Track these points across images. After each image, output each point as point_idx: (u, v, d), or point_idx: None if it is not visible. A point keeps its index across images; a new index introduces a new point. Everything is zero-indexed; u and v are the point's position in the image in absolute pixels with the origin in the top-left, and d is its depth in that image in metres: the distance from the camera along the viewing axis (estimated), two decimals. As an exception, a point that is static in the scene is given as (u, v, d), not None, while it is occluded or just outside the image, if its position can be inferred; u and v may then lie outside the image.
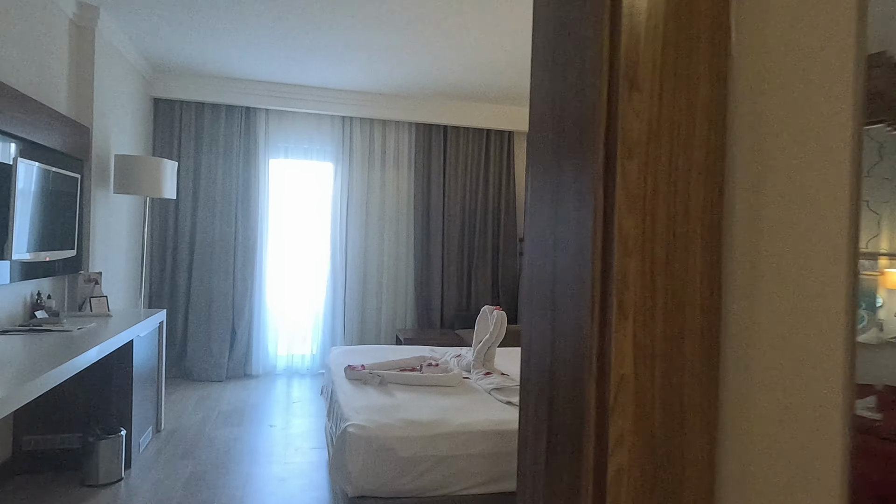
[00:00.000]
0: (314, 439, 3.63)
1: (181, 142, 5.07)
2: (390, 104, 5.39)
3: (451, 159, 5.68)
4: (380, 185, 5.55)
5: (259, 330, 5.24)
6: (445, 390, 2.61)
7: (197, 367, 5.02)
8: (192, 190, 5.09)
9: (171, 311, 5.07)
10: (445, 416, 2.22)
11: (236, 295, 5.16)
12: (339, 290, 5.45)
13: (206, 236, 5.09)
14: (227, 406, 4.28)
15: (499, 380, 2.68)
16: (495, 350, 2.93)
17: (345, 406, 2.32)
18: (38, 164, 2.82)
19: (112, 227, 4.02)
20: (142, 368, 3.25)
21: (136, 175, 3.75)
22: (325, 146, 5.43)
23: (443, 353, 3.35)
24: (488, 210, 5.77)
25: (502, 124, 5.67)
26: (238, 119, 5.18)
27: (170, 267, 5.07)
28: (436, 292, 5.63)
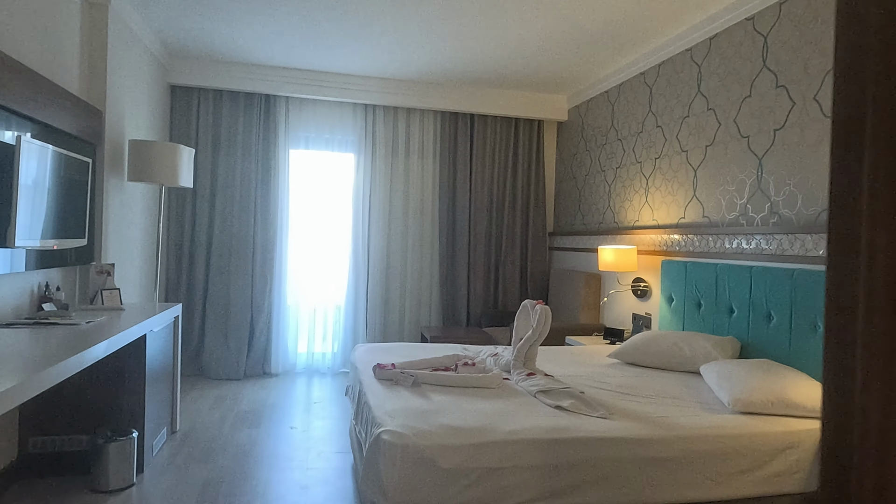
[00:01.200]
0: (338, 442, 3.40)
1: (199, 131, 4.88)
2: (415, 91, 5.15)
3: (478, 149, 5.43)
4: (403, 177, 5.32)
5: (278, 327, 5.04)
6: (485, 392, 2.36)
7: (214, 365, 4.82)
8: (209, 182, 4.90)
9: (187, 306, 4.88)
10: (491, 422, 1.96)
11: (255, 290, 4.96)
12: (362, 286, 5.22)
13: (224, 230, 4.90)
14: (246, 406, 4.07)
15: (544, 381, 2.42)
16: (537, 349, 2.67)
17: (376, 409, 2.08)
18: (46, 145, 2.62)
19: (126, 217, 3.83)
20: (155, 366, 3.05)
21: (151, 162, 3.55)
22: (346, 136, 5.21)
23: (477, 352, 3.10)
24: (517, 202, 5.50)
25: (532, 112, 5.40)
26: (257, 107, 4.97)
27: (186, 261, 4.88)
28: (462, 288, 5.38)
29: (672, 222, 3.84)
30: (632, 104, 4.39)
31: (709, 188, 3.50)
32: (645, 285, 4.06)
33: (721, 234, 3.33)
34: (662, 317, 3.74)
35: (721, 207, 3.39)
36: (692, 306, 3.47)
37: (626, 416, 2.16)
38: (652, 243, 4.01)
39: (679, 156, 3.79)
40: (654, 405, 2.34)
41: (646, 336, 3.18)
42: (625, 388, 2.62)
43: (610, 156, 4.68)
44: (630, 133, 4.39)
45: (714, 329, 3.27)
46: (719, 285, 3.25)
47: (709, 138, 3.51)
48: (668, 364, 3.02)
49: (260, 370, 4.97)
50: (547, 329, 2.58)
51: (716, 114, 3.45)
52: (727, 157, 3.35)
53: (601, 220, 4.79)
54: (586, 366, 3.11)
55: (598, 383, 2.69)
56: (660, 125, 4.02)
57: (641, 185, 4.22)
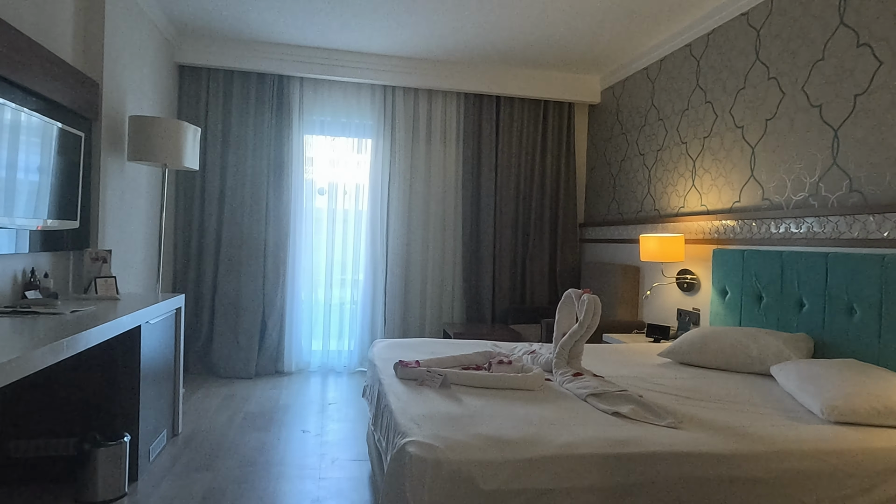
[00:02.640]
0: (354, 449, 3.07)
1: (208, 114, 4.60)
2: (436, 71, 4.82)
3: (504, 134, 5.07)
4: (424, 163, 4.98)
5: (291, 323, 4.73)
6: (525, 395, 2.01)
7: (223, 362, 4.53)
8: (219, 169, 4.61)
9: (195, 300, 4.60)
10: (539, 431, 1.61)
11: (267, 284, 4.66)
12: (380, 280, 4.90)
13: (235, 220, 4.60)
14: (255, 407, 3.76)
15: (595, 382, 2.06)
16: (583, 346, 2.32)
17: (399, 414, 1.74)
18: (30, 112, 2.33)
19: (128, 202, 3.55)
20: (153, 362, 2.74)
21: (153, 139, 3.26)
22: (364, 120, 4.89)
23: (511, 349, 2.75)
24: (545, 191, 5.14)
25: (562, 94, 5.03)
26: (270, 89, 4.67)
27: (195, 252, 4.60)
28: (486, 283, 5.03)
29: (725, 207, 3.46)
30: (675, 80, 4.00)
31: (770, 167, 3.11)
32: (692, 277, 3.67)
33: (786, 217, 2.94)
34: (714, 312, 3.36)
35: (785, 188, 3.00)
36: (751, 300, 3.08)
37: (698, 425, 1.79)
38: (700, 231, 3.63)
39: (733, 133, 3.41)
40: (727, 412, 1.97)
41: (703, 333, 2.80)
42: (685, 391, 2.26)
43: (650, 138, 4.30)
44: (673, 112, 4.01)
45: (780, 325, 2.89)
46: (785, 275, 2.86)
47: (770, 111, 3.12)
48: (731, 364, 2.64)
49: (272, 368, 4.67)
50: (596, 322, 2.23)
51: (778, 83, 3.06)
52: (793, 130, 2.96)
53: (639, 208, 4.41)
54: (634, 365, 2.74)
55: (652, 385, 2.33)
56: (709, 101, 3.63)
57: (687, 168, 3.84)
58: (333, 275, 4.88)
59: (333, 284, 4.88)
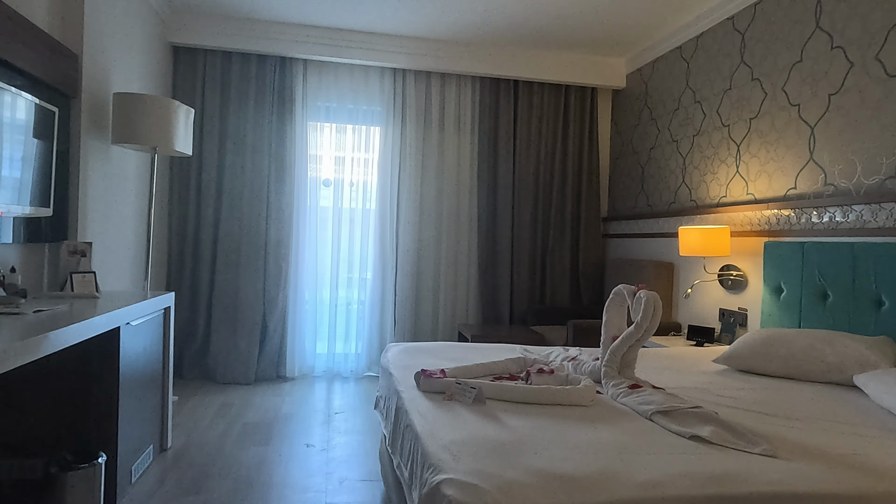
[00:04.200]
0: (365, 467, 2.73)
1: (205, 99, 4.26)
2: (450, 53, 4.47)
3: (523, 121, 4.72)
4: (437, 153, 4.63)
5: (294, 324, 4.39)
6: (576, 413, 1.66)
7: (221, 367, 4.19)
8: (216, 157, 4.27)
9: (191, 300, 4.26)
10: (609, 465, 1.26)
11: (268, 282, 4.32)
12: (389, 278, 4.55)
13: (234, 213, 4.26)
14: (255, 416, 3.42)
15: (658, 397, 1.71)
16: (638, 352, 1.96)
17: (427, 439, 1.39)
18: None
19: (115, 191, 3.21)
20: (136, 368, 2.40)
21: (140, 120, 2.92)
22: (372, 106, 4.55)
23: (546, 355, 2.40)
24: (567, 183, 4.78)
25: (584, 78, 4.68)
26: (271, 72, 4.34)
27: (191, 247, 4.26)
28: (504, 281, 4.67)
29: (777, 195, 3.10)
30: (715, 57, 3.64)
31: (834, 148, 2.75)
32: (738, 274, 3.31)
33: (856, 204, 2.58)
34: (766, 313, 3.00)
35: (855, 171, 2.64)
36: (814, 298, 2.72)
37: (797, 452, 1.44)
38: (746, 222, 3.27)
39: (786, 112, 3.05)
40: (822, 434, 1.62)
41: (766, 336, 2.44)
42: (757, 404, 1.90)
43: (684, 122, 3.94)
44: (713, 92, 3.65)
45: (852, 327, 2.53)
46: (858, 270, 2.50)
47: (834, 85, 2.76)
48: (802, 372, 2.28)
49: (273, 373, 4.33)
50: (656, 324, 1.88)
51: (845, 52, 2.71)
52: (864, 105, 2.60)
53: (673, 199, 4.05)
54: (686, 373, 2.39)
55: (715, 397, 1.97)
56: (756, 77, 3.27)
57: (730, 154, 3.48)
58: (339, 273, 4.54)
59: (339, 283, 4.54)
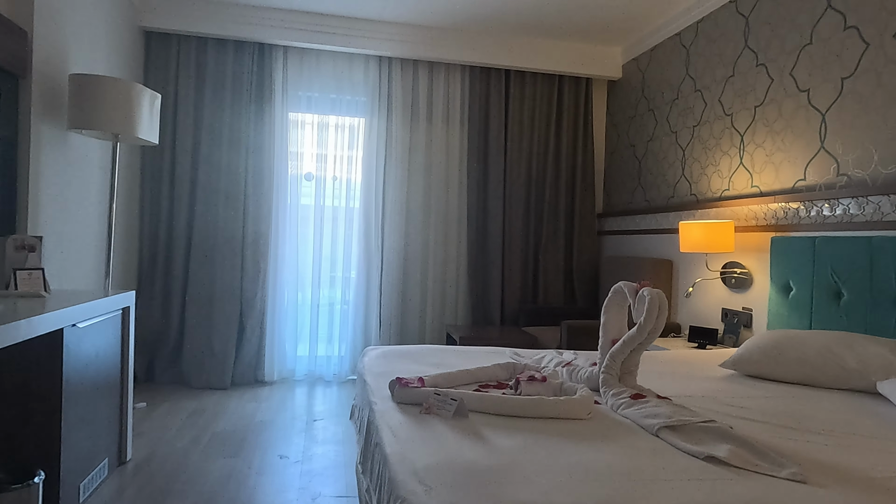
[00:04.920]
0: (343, 480, 2.51)
1: (178, 88, 4.02)
2: (438, 40, 4.25)
3: (515, 113, 4.51)
4: (424, 145, 4.42)
5: (274, 325, 4.16)
6: (573, 428, 1.45)
7: (195, 371, 3.96)
8: (190, 149, 4.04)
9: (164, 299, 4.02)
10: (615, 496, 1.05)
11: (245, 280, 4.08)
12: (374, 277, 4.33)
13: (209, 208, 4.03)
14: (227, 424, 3.19)
15: (665, 408, 1.50)
16: (640, 356, 1.75)
17: (397, 463, 1.18)
18: None
19: (74, 180, 2.97)
20: (85, 374, 2.17)
21: (99, 103, 2.68)
22: (356, 96, 4.33)
23: (538, 359, 2.18)
24: (560, 178, 4.58)
25: (579, 68, 4.48)
26: (249, 59, 4.11)
27: (164, 243, 4.02)
28: (494, 280, 4.47)
29: (785, 187, 2.91)
30: (717, 43, 3.45)
31: (848, 136, 2.56)
32: (742, 271, 3.12)
33: (872, 195, 2.39)
34: (773, 312, 2.80)
35: (871, 160, 2.45)
36: (826, 297, 2.53)
37: (830, 475, 1.24)
38: (751, 216, 3.08)
39: (794, 98, 2.86)
40: (850, 451, 1.42)
41: (776, 338, 2.25)
42: (773, 416, 1.70)
43: (684, 112, 3.75)
44: (714, 80, 3.46)
45: (869, 328, 2.33)
46: (876, 266, 2.30)
47: (847, 68, 2.57)
48: (818, 378, 2.08)
49: (251, 377, 4.10)
50: (661, 325, 1.67)
51: (859, 32, 2.51)
52: (881, 89, 2.41)
53: (672, 193, 3.85)
54: (690, 379, 2.18)
55: (725, 407, 1.77)
56: (762, 63, 3.08)
57: (733, 144, 3.28)
58: (322, 271, 4.31)
59: (322, 282, 4.31)
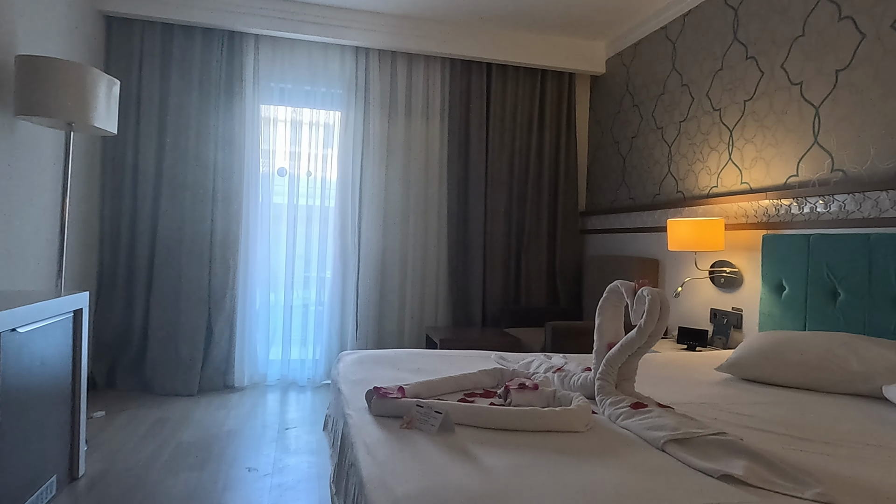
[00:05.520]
0: (314, 495, 2.33)
1: (142, 77, 3.79)
2: (418, 31, 4.10)
3: (496, 108, 4.38)
4: (403, 141, 4.26)
5: (244, 327, 3.96)
6: (570, 442, 1.31)
7: (160, 376, 3.73)
8: (155, 142, 3.82)
9: (126, 300, 3.79)
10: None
11: (214, 280, 3.87)
12: (351, 277, 4.15)
13: (175, 204, 3.81)
14: (192, 434, 2.99)
15: (669, 419, 1.37)
16: (638, 361, 1.62)
17: (374, 490, 1.02)
18: None
19: (21, 172, 2.74)
20: (27, 383, 1.97)
21: (50, 88, 2.47)
22: (332, 88, 4.15)
23: (525, 364, 2.04)
24: (543, 174, 4.46)
25: (562, 62, 4.37)
26: (218, 48, 3.90)
27: (126, 241, 3.79)
28: (475, 280, 4.32)
29: (776, 183, 2.82)
30: (705, 36, 3.36)
31: (843, 130, 2.48)
32: (732, 270, 3.02)
33: (870, 191, 2.31)
34: (765, 313, 2.71)
35: (868, 154, 2.36)
36: (821, 296, 2.44)
37: (856, 494, 1.12)
38: (741, 214, 2.98)
39: (786, 92, 2.77)
40: (871, 464, 1.30)
41: (775, 340, 2.14)
42: (780, 423, 1.58)
43: (670, 108, 3.65)
44: (702, 74, 3.37)
45: (868, 328, 2.24)
46: (875, 264, 2.22)
47: (842, 60, 2.49)
48: (820, 382, 1.98)
49: (220, 383, 3.89)
50: (662, 328, 1.54)
51: (854, 23, 2.43)
52: (878, 81, 2.33)
53: (657, 190, 3.76)
54: (685, 384, 2.07)
55: (730, 415, 1.65)
56: (752, 56, 2.99)
57: (722, 140, 3.19)
58: (295, 271, 4.12)
59: (295, 283, 4.12)
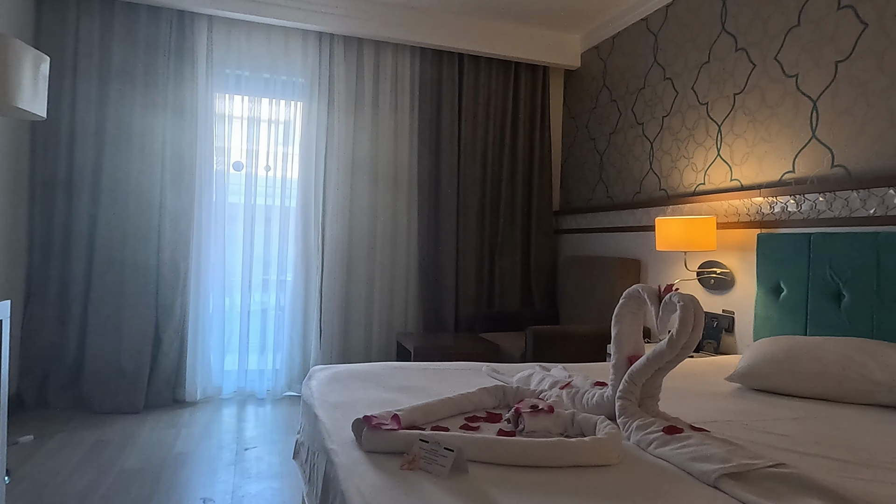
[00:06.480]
0: (280, 530, 2.06)
1: (78, 61, 3.40)
2: (387, 16, 3.84)
3: (469, 101, 4.16)
4: (370, 135, 3.99)
5: (196, 336, 3.61)
6: (603, 479, 1.09)
7: (99, 392, 3.35)
8: (93, 133, 3.43)
9: (60, 307, 3.39)
10: None
11: (162, 285, 3.51)
12: (314, 280, 3.86)
13: (117, 200, 3.43)
14: (137, 459, 2.65)
15: (716, 449, 1.17)
16: (664, 377, 1.42)
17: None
18: None
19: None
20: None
21: (-40, 63, 2.10)
22: (293, 76, 3.84)
23: (521, 377, 1.82)
24: (517, 172, 4.27)
25: (536, 54, 4.19)
26: (167, 30, 3.54)
27: (60, 244, 3.38)
28: (448, 283, 4.09)
29: (770, 180, 2.70)
30: (690, 28, 3.23)
31: (844, 123, 2.37)
32: (723, 271, 2.90)
33: (876, 187, 2.20)
34: (761, 316, 2.58)
35: (871, 150, 2.25)
36: (824, 298, 2.32)
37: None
38: (732, 212, 2.86)
39: (780, 84, 2.65)
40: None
41: (788, 348, 1.99)
42: (818, 444, 1.41)
43: (652, 102, 3.52)
44: (687, 67, 3.24)
45: (877, 332, 2.13)
46: (884, 265, 2.10)
47: (842, 51, 2.38)
48: (839, 392, 1.83)
49: (169, 397, 3.52)
50: (696, 339, 1.34)
51: (855, 12, 2.32)
52: (882, 71, 2.22)
53: (638, 188, 3.62)
54: (695, 396, 1.89)
55: (758, 434, 1.47)
56: (742, 47, 2.87)
57: (709, 135, 3.07)
58: (253, 274, 3.79)
59: (253, 286, 3.79)
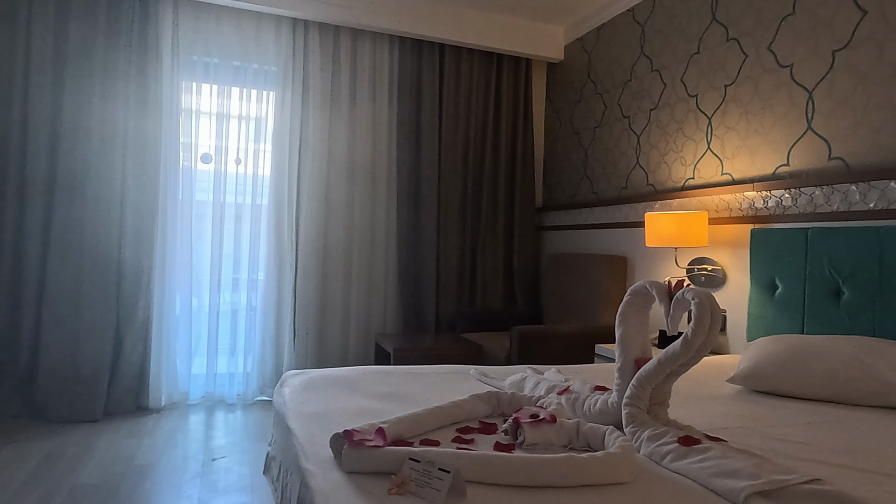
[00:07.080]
0: (250, 551, 1.89)
1: (31, 42, 3.16)
2: (365, 4, 3.67)
3: (450, 93, 4.02)
4: (347, 127, 3.82)
5: (161, 338, 3.39)
6: (617, 500, 0.96)
7: (54, 400, 3.11)
8: (49, 121, 3.19)
9: (11, 308, 3.14)
10: None
11: (123, 284, 3.29)
12: (287, 278, 3.67)
13: (75, 193, 3.20)
14: (94, 473, 2.44)
15: (741, 463, 1.05)
16: (674, 382, 1.30)
17: None
18: None
19: None
20: None
21: None
22: (265, 64, 3.65)
23: (512, 381, 1.69)
24: (499, 167, 4.14)
25: (519, 45, 4.06)
26: (128, 10, 3.32)
27: (10, 239, 3.14)
28: (428, 282, 3.94)
29: (764, 173, 2.61)
30: (678, 17, 3.14)
31: (842, 115, 2.29)
32: (713, 268, 2.81)
33: (876, 180, 2.12)
34: (755, 314, 2.49)
35: (871, 141, 2.18)
36: (822, 295, 2.23)
37: None
38: (723, 207, 2.77)
39: (774, 75, 2.57)
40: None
41: (790, 347, 1.89)
42: (842, 453, 1.31)
43: (639, 95, 3.42)
44: (675, 59, 3.15)
45: (879, 330, 2.05)
46: (886, 260, 2.02)
47: (840, 40, 2.30)
48: (849, 394, 1.74)
49: (131, 404, 3.30)
50: (713, 340, 1.22)
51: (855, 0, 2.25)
52: (882, 61, 2.14)
53: (624, 184, 3.52)
54: (697, 399, 1.79)
55: (773, 441, 1.37)
56: (734, 37, 2.78)
57: (699, 128, 2.98)
58: (223, 272, 3.59)
59: (222, 285, 3.59)
